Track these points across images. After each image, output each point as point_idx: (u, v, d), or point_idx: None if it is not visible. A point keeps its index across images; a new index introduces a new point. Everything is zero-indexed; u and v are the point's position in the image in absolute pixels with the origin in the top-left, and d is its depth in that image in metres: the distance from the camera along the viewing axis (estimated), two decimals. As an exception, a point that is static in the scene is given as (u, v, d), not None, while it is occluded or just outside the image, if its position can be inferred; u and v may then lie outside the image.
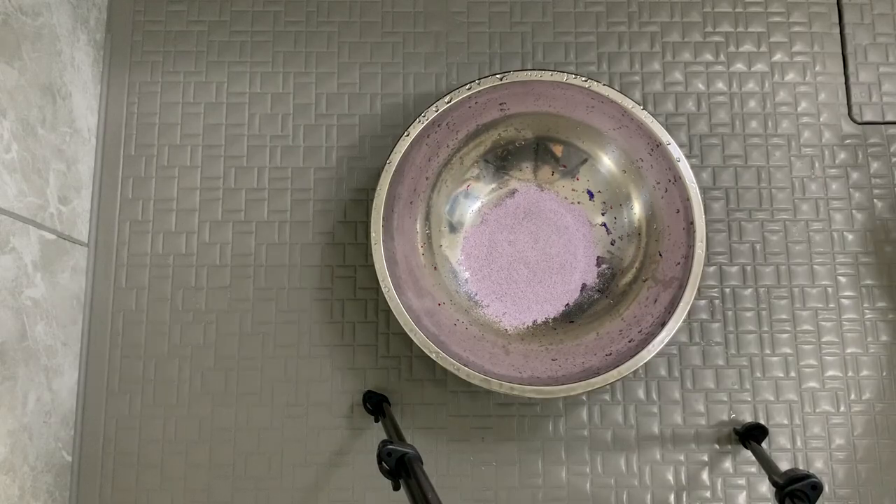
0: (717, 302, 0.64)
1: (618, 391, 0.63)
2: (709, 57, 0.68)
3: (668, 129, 0.58)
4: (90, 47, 0.65)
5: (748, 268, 0.64)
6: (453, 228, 0.64)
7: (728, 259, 0.64)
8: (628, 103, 0.57)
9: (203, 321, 0.64)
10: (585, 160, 0.64)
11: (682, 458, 0.62)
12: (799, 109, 0.67)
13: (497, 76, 0.58)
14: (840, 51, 0.68)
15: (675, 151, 0.57)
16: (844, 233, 0.65)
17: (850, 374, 0.63)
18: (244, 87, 0.67)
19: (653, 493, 0.61)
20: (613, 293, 0.63)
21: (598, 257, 0.63)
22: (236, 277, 0.64)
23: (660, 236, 0.61)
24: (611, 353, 0.57)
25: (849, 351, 0.63)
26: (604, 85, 0.57)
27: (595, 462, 0.62)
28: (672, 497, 0.61)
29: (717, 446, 0.62)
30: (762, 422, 0.62)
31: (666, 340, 0.55)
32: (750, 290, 0.64)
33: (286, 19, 0.68)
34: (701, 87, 0.67)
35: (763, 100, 0.67)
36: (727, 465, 0.62)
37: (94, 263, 0.64)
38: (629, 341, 0.57)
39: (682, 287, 0.55)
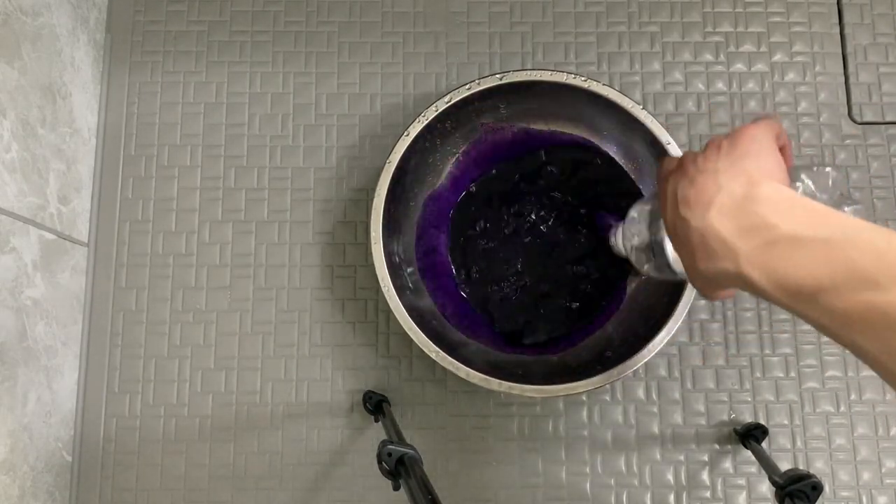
0: (717, 302, 0.64)
1: (618, 391, 0.63)
2: (709, 57, 0.68)
3: (668, 129, 0.58)
4: (90, 47, 0.65)
5: (748, 268, 0.64)
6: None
7: (728, 259, 0.64)
8: (628, 103, 0.57)
9: (203, 321, 0.64)
10: (585, 160, 0.64)
11: (682, 458, 0.62)
12: (799, 109, 0.67)
13: (497, 76, 0.58)
14: (840, 51, 0.68)
15: (675, 151, 0.56)
16: (844, 233, 0.65)
17: (850, 373, 0.63)
18: (244, 87, 0.67)
19: (653, 493, 0.61)
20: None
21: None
22: (236, 277, 0.64)
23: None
24: (611, 353, 0.57)
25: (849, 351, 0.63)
26: (604, 85, 0.57)
27: (595, 462, 0.62)
28: (672, 497, 0.61)
29: (717, 446, 0.62)
30: (762, 422, 0.62)
31: (666, 340, 0.55)
32: (750, 290, 0.64)
33: (286, 19, 0.68)
34: (701, 87, 0.67)
35: (763, 100, 0.67)
36: (727, 465, 0.62)
37: (94, 263, 0.64)
38: (629, 341, 0.57)
39: (682, 287, 0.55)
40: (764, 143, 0.37)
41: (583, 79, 0.57)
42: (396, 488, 0.44)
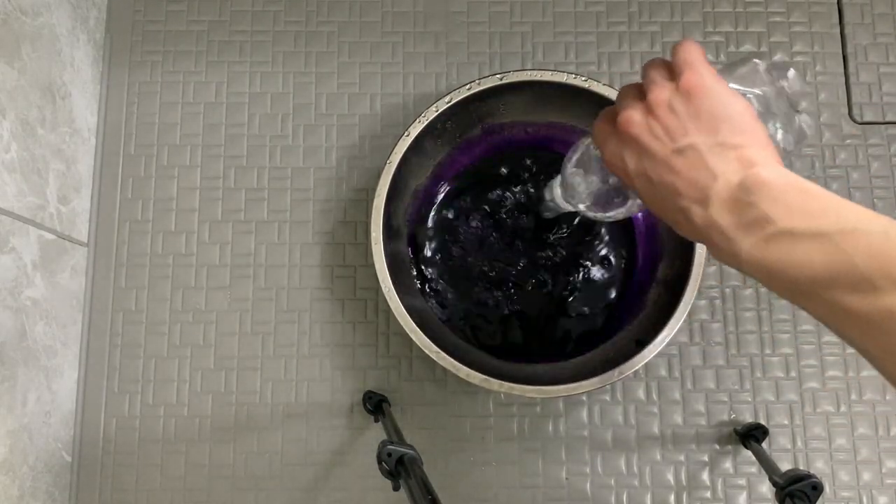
0: (717, 302, 0.64)
1: (618, 391, 0.63)
2: (709, 57, 0.67)
3: (669, 128, 0.58)
4: (90, 47, 0.65)
5: (748, 268, 0.64)
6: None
7: (728, 259, 0.64)
8: (628, 103, 0.57)
9: (203, 321, 0.64)
10: (585, 160, 0.64)
11: (682, 458, 0.62)
12: (799, 109, 0.67)
13: (497, 76, 0.57)
14: (840, 51, 0.68)
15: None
16: (845, 233, 0.65)
17: (850, 374, 0.63)
18: (244, 86, 0.67)
19: (653, 493, 0.61)
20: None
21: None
22: (236, 277, 0.64)
23: (660, 236, 0.61)
24: (611, 353, 0.57)
25: (849, 351, 0.63)
26: (604, 85, 0.57)
27: (595, 462, 0.62)
28: (672, 497, 0.61)
29: (717, 446, 0.62)
30: (762, 422, 0.61)
31: (666, 340, 0.55)
32: (750, 290, 0.64)
33: (286, 19, 0.68)
34: (701, 86, 0.67)
35: (763, 100, 0.67)
36: (727, 465, 0.62)
37: (94, 263, 0.64)
38: (630, 341, 0.57)
39: (682, 287, 0.55)
40: (717, 89, 0.34)
41: (583, 79, 0.57)
42: (396, 488, 0.44)
